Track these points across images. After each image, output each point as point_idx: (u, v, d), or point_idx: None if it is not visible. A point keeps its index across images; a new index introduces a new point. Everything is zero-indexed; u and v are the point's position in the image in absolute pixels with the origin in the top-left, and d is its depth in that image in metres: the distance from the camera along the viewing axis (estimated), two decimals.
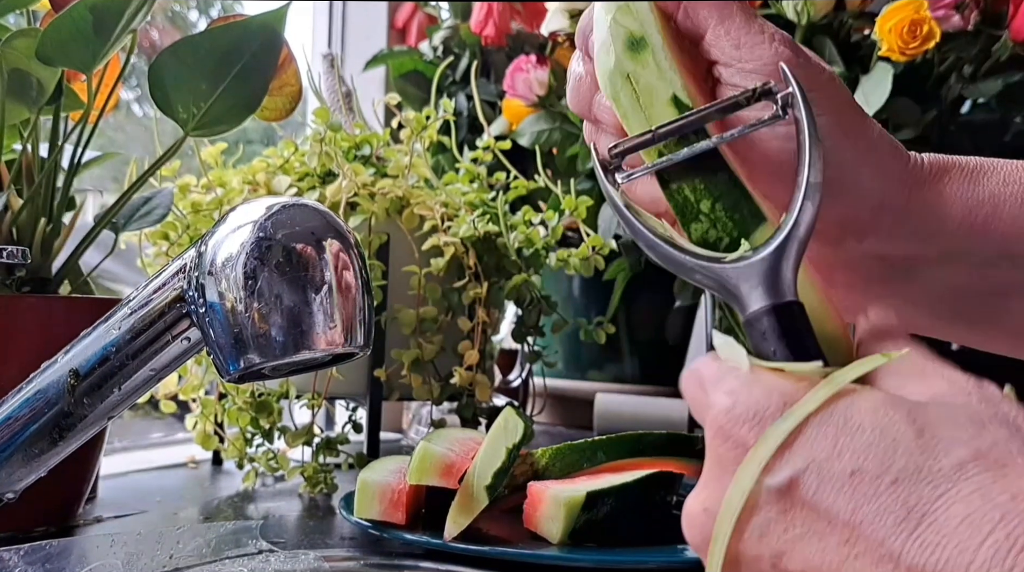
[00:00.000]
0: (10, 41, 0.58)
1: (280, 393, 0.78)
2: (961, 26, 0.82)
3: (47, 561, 0.53)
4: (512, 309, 0.91)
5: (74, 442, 0.46)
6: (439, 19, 1.31)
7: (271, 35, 0.61)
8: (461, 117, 1.12)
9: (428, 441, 0.61)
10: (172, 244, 0.79)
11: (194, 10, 1.38)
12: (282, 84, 0.68)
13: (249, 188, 0.80)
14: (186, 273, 0.43)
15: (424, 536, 0.57)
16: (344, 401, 0.92)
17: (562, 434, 1.11)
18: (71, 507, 0.65)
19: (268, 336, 0.41)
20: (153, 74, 0.59)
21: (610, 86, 0.38)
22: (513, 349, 1.13)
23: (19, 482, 0.47)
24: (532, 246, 0.84)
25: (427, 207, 0.79)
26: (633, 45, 0.38)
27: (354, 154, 0.84)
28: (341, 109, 0.92)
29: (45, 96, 0.61)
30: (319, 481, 0.75)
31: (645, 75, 0.37)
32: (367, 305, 0.43)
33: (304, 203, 0.43)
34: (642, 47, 0.38)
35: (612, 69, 0.38)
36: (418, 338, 0.79)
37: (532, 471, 0.63)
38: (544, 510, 0.58)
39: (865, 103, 0.81)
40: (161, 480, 0.82)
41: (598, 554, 0.55)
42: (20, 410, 0.45)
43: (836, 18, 0.88)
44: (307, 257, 0.41)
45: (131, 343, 0.44)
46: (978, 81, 0.85)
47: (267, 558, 0.56)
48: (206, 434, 0.80)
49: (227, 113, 0.62)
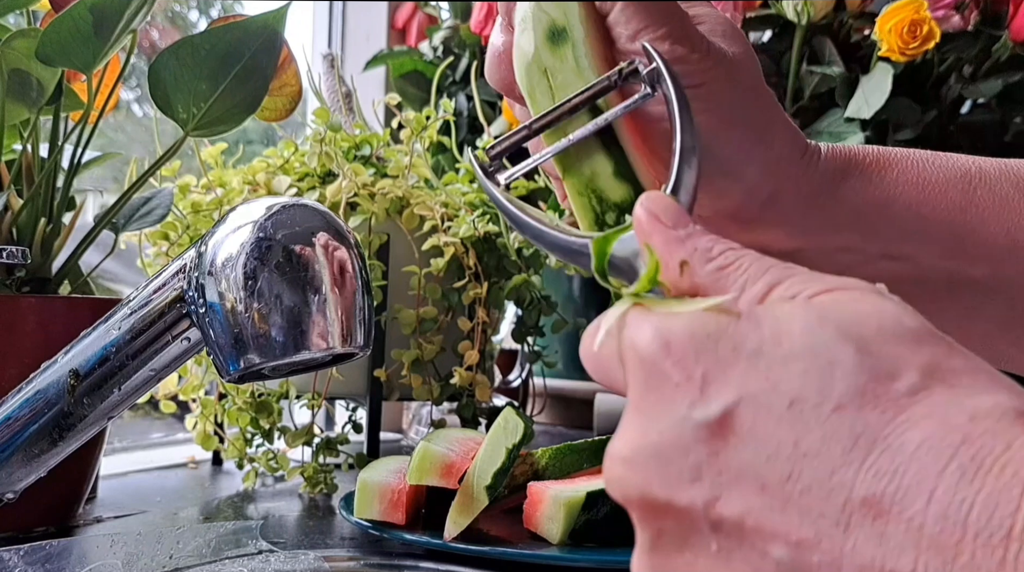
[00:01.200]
0: (10, 41, 0.58)
1: (280, 393, 0.78)
2: (961, 26, 0.82)
3: (47, 561, 0.53)
4: (512, 309, 0.91)
5: (74, 442, 0.46)
6: (439, 19, 1.31)
7: (271, 35, 0.61)
8: (461, 117, 1.12)
9: (428, 441, 0.61)
10: (172, 244, 0.79)
11: (194, 10, 1.38)
12: (282, 84, 0.68)
13: (249, 188, 0.80)
14: (186, 273, 0.43)
15: (424, 536, 0.57)
16: (344, 401, 0.92)
17: (562, 434, 1.11)
18: (71, 507, 0.65)
19: (268, 336, 0.41)
20: (153, 74, 0.59)
21: (526, 79, 0.37)
22: (513, 349, 1.13)
23: (19, 482, 0.47)
24: (532, 246, 0.84)
25: (427, 207, 0.79)
26: (554, 36, 0.37)
27: (354, 154, 0.84)
28: (341, 109, 0.92)
29: (45, 96, 0.61)
30: (319, 481, 0.76)
31: (563, 71, 0.37)
32: (367, 305, 0.43)
33: (304, 203, 0.43)
34: (563, 40, 0.37)
35: (530, 62, 0.37)
36: (418, 338, 0.79)
37: (532, 471, 0.63)
38: (544, 510, 0.58)
39: (865, 103, 0.81)
40: (161, 480, 0.82)
41: (598, 554, 0.55)
42: (20, 410, 0.45)
43: (836, 18, 0.88)
44: (307, 257, 0.41)
45: (131, 343, 0.44)
46: (978, 81, 0.85)
47: (267, 558, 0.56)
48: (206, 434, 0.80)
49: (227, 113, 0.62)
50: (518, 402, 0.95)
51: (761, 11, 0.89)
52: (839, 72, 0.84)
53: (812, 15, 0.85)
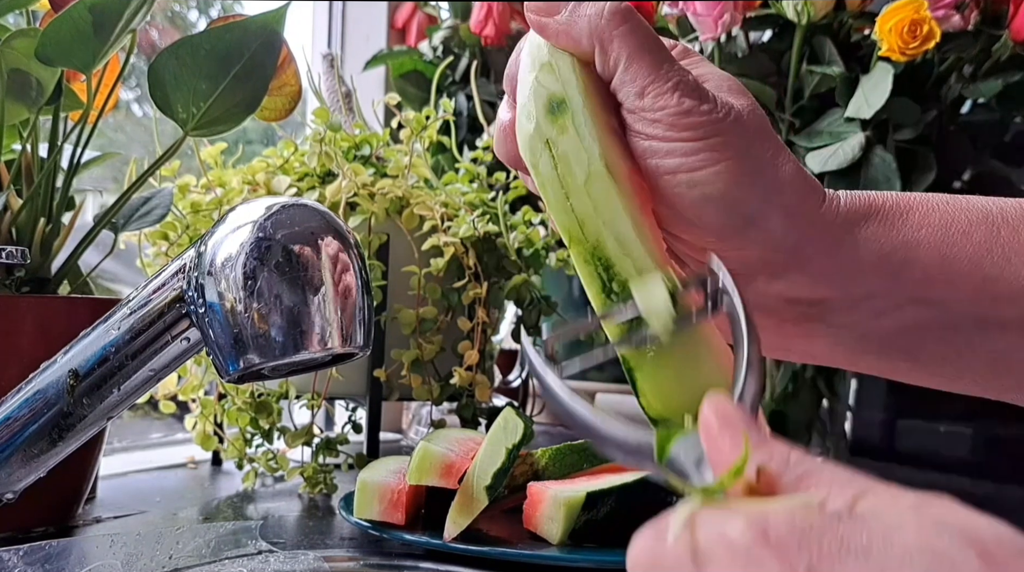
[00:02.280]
0: (10, 41, 0.58)
1: (280, 393, 0.78)
2: (961, 26, 0.82)
3: (47, 561, 0.53)
4: (512, 309, 0.91)
5: (74, 442, 0.46)
6: (439, 19, 1.31)
7: (271, 35, 0.61)
8: (461, 117, 1.12)
9: (428, 441, 0.61)
10: (172, 244, 0.79)
11: (194, 10, 1.38)
12: (282, 84, 0.68)
13: (249, 188, 0.80)
14: (186, 273, 0.43)
15: (424, 536, 0.57)
16: (344, 401, 0.92)
17: (562, 434, 1.11)
18: (71, 507, 0.65)
19: (268, 336, 0.41)
20: (153, 74, 0.59)
21: (530, 153, 0.38)
22: (513, 349, 1.13)
23: (19, 482, 0.47)
24: (532, 246, 0.84)
25: (427, 207, 0.79)
26: (553, 109, 0.37)
27: (354, 154, 0.84)
28: (341, 109, 0.92)
29: (45, 96, 0.61)
30: (319, 481, 0.75)
31: (564, 142, 0.37)
32: (367, 305, 0.43)
33: (304, 203, 0.43)
34: (562, 110, 0.37)
35: (532, 134, 0.38)
36: (418, 338, 0.79)
37: (532, 471, 0.63)
38: (544, 510, 0.58)
39: (865, 103, 0.81)
40: (161, 480, 0.82)
41: (598, 554, 0.55)
42: (20, 410, 0.45)
43: (836, 18, 0.88)
44: (307, 257, 0.41)
45: (131, 343, 0.44)
46: (978, 81, 0.85)
47: (267, 558, 0.56)
48: (206, 434, 0.80)
49: (227, 113, 0.62)
50: (518, 402, 0.95)
51: (761, 11, 0.89)
52: (839, 72, 0.84)
53: (812, 15, 0.85)
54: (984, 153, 0.91)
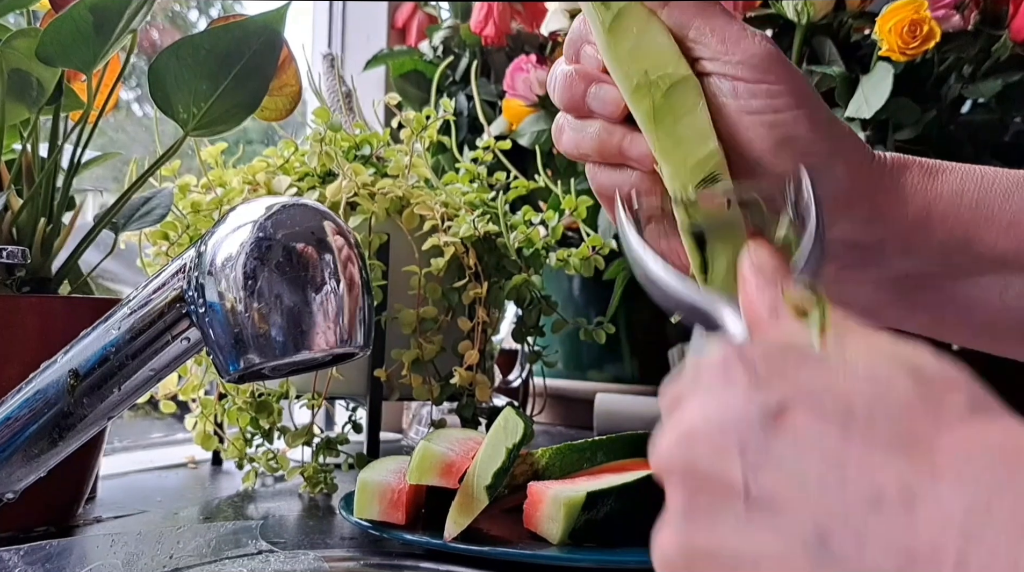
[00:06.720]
0: (10, 41, 0.58)
1: (280, 393, 0.78)
2: (961, 26, 0.82)
3: (47, 561, 0.53)
4: (512, 309, 0.91)
5: (74, 442, 0.46)
6: (439, 19, 1.30)
7: (271, 35, 0.61)
8: (461, 117, 1.12)
9: (428, 441, 0.61)
10: (172, 244, 0.79)
11: (194, 10, 1.38)
12: (282, 84, 0.68)
13: (249, 188, 0.80)
14: (186, 273, 0.43)
15: (424, 536, 0.57)
16: (344, 401, 0.92)
17: (562, 434, 1.11)
18: (71, 507, 0.65)
19: (268, 336, 0.41)
20: (153, 74, 0.59)
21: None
22: (513, 349, 1.13)
23: (19, 482, 0.47)
24: (532, 246, 0.84)
25: (427, 207, 0.79)
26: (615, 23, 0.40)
27: (354, 154, 0.84)
28: (341, 109, 0.92)
29: (45, 96, 0.61)
30: (319, 481, 0.75)
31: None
32: (367, 305, 0.43)
33: (304, 203, 0.43)
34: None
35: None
36: (418, 338, 0.79)
37: (532, 471, 0.63)
38: (544, 510, 0.58)
39: (865, 103, 0.81)
40: (161, 480, 0.82)
41: (598, 554, 0.55)
42: (20, 410, 0.45)
43: (836, 18, 0.88)
44: (307, 257, 0.41)
45: (131, 343, 0.44)
46: (978, 81, 0.85)
47: (267, 558, 0.56)
48: (206, 434, 0.80)
49: (227, 113, 0.62)
50: (518, 402, 0.95)
51: (761, 11, 0.89)
52: (839, 72, 0.84)
53: (812, 15, 0.85)
54: (984, 153, 0.91)
